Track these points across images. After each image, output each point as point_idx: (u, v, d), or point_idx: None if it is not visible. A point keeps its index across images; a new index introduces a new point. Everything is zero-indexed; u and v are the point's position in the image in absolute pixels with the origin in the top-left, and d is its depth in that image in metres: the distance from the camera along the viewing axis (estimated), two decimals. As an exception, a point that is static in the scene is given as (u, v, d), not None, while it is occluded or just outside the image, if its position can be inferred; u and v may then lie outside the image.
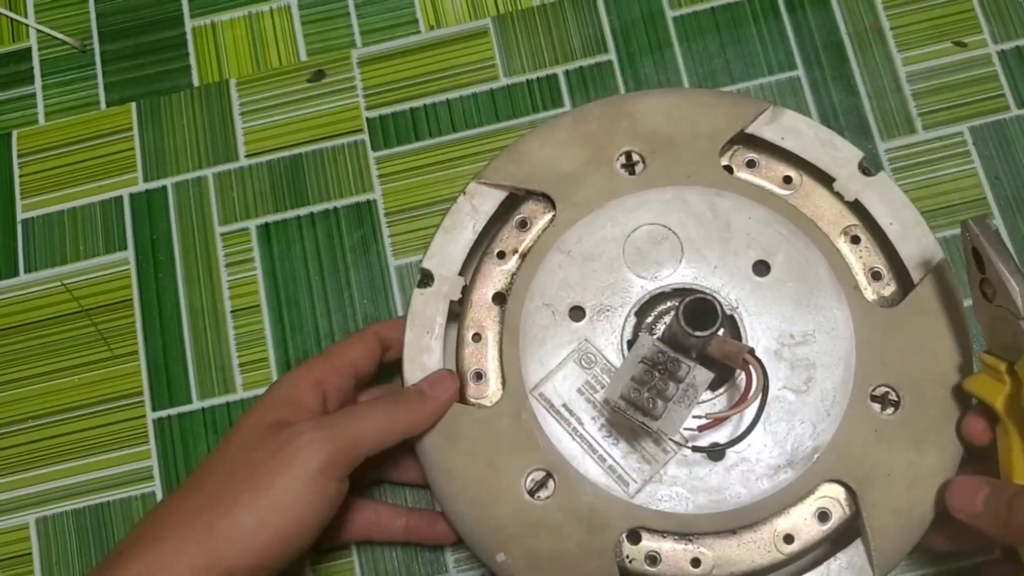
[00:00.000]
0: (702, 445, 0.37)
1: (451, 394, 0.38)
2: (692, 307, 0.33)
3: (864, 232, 0.40)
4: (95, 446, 0.45)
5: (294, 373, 0.38)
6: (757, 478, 0.36)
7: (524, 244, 0.41)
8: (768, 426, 0.37)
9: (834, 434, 0.37)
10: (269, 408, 0.37)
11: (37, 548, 0.44)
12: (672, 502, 0.37)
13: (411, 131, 0.48)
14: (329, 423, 0.36)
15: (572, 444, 0.37)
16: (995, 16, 0.48)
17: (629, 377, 0.34)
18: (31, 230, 0.48)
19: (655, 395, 0.33)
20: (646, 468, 0.37)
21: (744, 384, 0.35)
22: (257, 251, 0.47)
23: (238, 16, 0.51)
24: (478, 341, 0.40)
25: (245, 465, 0.35)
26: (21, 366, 0.47)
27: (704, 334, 0.33)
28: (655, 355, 0.34)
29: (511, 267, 0.40)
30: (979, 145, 0.47)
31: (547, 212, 0.41)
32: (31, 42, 0.51)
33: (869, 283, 0.40)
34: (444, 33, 0.50)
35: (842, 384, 0.37)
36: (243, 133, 0.49)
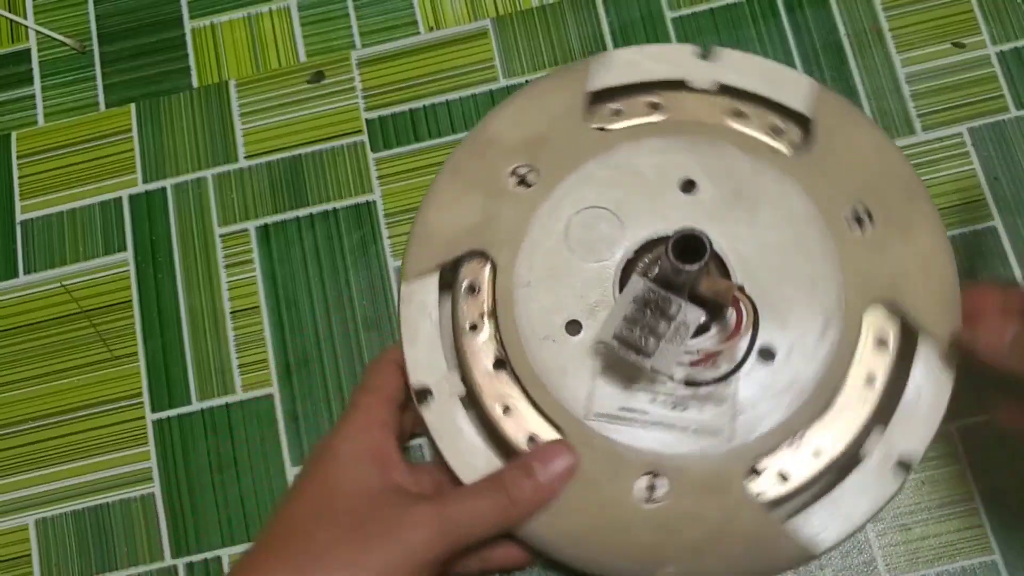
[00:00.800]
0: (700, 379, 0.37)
1: (568, 474, 0.36)
2: (681, 242, 0.33)
3: (743, 104, 0.41)
4: (94, 447, 0.45)
5: (369, 419, 0.38)
6: None
7: (486, 304, 0.40)
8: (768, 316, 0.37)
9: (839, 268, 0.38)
10: (359, 465, 0.36)
11: (36, 549, 0.44)
12: (760, 422, 0.37)
13: (411, 132, 0.48)
14: (443, 513, 0.35)
15: (650, 435, 0.37)
16: (994, 17, 0.48)
17: (621, 316, 0.35)
18: (30, 231, 0.48)
19: (647, 333, 0.34)
20: (724, 409, 0.37)
21: (734, 320, 0.36)
22: (256, 252, 0.47)
23: (237, 17, 0.51)
24: (509, 413, 0.38)
25: (359, 543, 0.34)
26: (20, 367, 0.47)
27: (694, 267, 0.33)
28: (646, 294, 0.35)
29: (490, 331, 0.39)
30: (978, 146, 0.47)
31: (484, 264, 0.40)
32: (30, 43, 0.51)
33: (776, 140, 0.41)
34: (443, 34, 0.50)
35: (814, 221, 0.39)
36: (242, 134, 0.49)
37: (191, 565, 0.44)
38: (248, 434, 0.45)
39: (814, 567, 0.42)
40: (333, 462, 0.37)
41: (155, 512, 0.44)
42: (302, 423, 0.45)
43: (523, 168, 0.40)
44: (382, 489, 0.36)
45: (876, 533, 0.42)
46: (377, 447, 0.37)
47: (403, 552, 0.34)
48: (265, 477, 0.44)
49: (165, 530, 0.44)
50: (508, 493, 0.36)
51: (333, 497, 0.36)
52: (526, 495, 0.36)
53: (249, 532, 0.44)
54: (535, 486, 0.36)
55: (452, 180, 0.41)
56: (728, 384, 0.37)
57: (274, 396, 0.45)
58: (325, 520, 0.35)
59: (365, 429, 0.38)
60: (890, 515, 0.42)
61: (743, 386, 0.37)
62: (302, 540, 0.34)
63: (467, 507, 0.35)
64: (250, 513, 0.44)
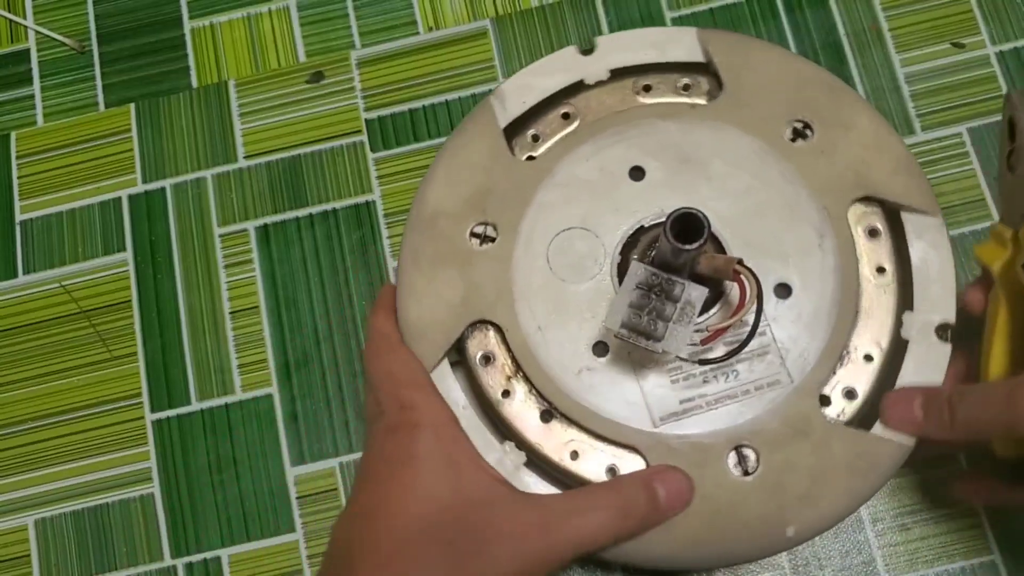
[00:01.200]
0: (710, 357, 0.37)
1: (681, 511, 0.35)
2: (679, 222, 0.33)
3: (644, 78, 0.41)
4: (94, 448, 0.45)
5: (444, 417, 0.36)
6: None
7: (507, 367, 0.38)
8: None
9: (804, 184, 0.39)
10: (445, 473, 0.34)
11: (36, 550, 0.44)
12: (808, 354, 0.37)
13: (410, 132, 0.48)
14: (563, 528, 0.32)
15: (718, 413, 0.37)
16: (993, 17, 0.48)
17: (627, 304, 0.34)
18: (30, 231, 0.48)
19: (655, 317, 0.34)
20: (771, 358, 0.37)
21: (738, 294, 0.35)
22: (256, 252, 0.47)
23: (237, 17, 0.51)
24: (578, 457, 0.37)
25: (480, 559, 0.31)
26: (20, 367, 0.47)
27: (694, 246, 0.33)
28: (648, 278, 0.34)
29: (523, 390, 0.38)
30: (977, 146, 0.47)
31: (487, 330, 0.39)
32: (30, 43, 0.51)
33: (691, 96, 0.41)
34: (443, 34, 0.50)
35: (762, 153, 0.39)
36: (242, 134, 0.49)
37: (190, 565, 0.44)
38: (247, 434, 0.45)
39: (814, 567, 0.42)
40: (422, 471, 0.34)
41: (154, 512, 0.44)
42: (302, 423, 0.45)
43: (479, 227, 0.39)
44: (488, 493, 0.33)
45: (875, 533, 0.42)
46: (458, 450, 0.35)
47: (523, 566, 0.31)
48: (265, 477, 0.44)
49: (164, 530, 0.44)
50: (627, 511, 0.34)
51: (441, 510, 0.32)
52: (644, 516, 0.34)
53: (248, 532, 0.44)
54: (655, 509, 0.34)
55: (416, 267, 0.40)
56: (763, 335, 0.37)
57: (274, 396, 0.45)
58: (439, 540, 0.32)
59: (446, 437, 0.35)
60: (890, 515, 0.42)
61: (776, 329, 0.37)
62: (417, 560, 0.31)
63: (585, 521, 0.33)
64: (249, 513, 0.44)
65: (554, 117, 0.41)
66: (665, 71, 0.42)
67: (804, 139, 0.40)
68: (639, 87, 0.41)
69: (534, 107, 0.41)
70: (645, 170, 0.40)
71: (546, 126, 0.41)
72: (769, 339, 0.37)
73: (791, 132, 0.40)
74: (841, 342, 0.37)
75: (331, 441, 0.45)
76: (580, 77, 0.41)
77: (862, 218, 0.39)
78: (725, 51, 0.41)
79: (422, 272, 0.39)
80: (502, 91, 0.41)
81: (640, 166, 0.40)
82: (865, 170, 0.39)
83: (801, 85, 0.40)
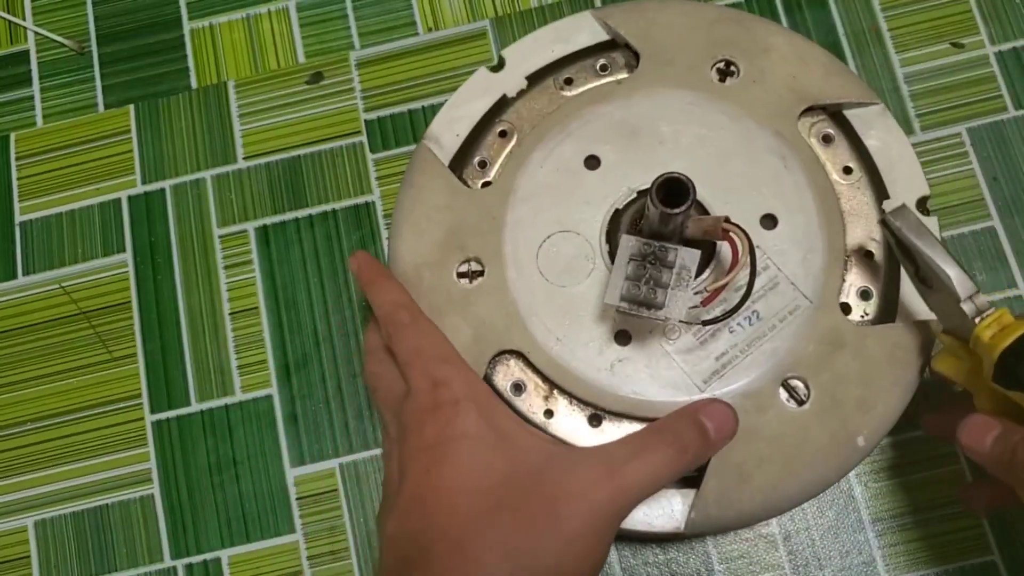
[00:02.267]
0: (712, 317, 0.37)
1: (728, 441, 0.35)
2: (664, 187, 0.33)
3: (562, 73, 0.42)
4: (93, 449, 0.45)
5: (482, 389, 0.35)
6: None
7: (541, 389, 0.38)
8: None
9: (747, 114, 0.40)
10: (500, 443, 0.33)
11: (36, 551, 0.44)
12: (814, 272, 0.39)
13: (409, 133, 0.48)
14: (623, 473, 0.32)
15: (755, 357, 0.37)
16: (993, 17, 0.48)
17: (623, 277, 0.35)
18: (29, 233, 0.48)
19: (653, 286, 0.34)
20: (783, 288, 0.38)
21: (729, 252, 0.35)
22: (256, 253, 0.47)
23: (236, 18, 0.51)
24: None
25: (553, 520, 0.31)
26: (19, 369, 0.47)
27: (682, 209, 0.33)
28: (641, 248, 0.35)
29: (564, 404, 0.38)
30: (977, 146, 0.47)
31: (508, 358, 0.39)
32: (29, 44, 0.51)
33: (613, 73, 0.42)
34: (442, 35, 0.50)
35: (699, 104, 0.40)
36: (241, 135, 0.49)
37: (190, 566, 0.44)
38: (247, 435, 0.45)
39: (813, 567, 0.42)
40: (473, 444, 0.33)
41: (154, 513, 0.44)
42: (301, 424, 0.45)
43: (463, 265, 0.39)
44: (546, 454, 0.33)
45: (875, 533, 0.42)
46: (504, 414, 0.34)
47: (600, 517, 0.31)
48: (264, 478, 0.44)
49: (164, 531, 0.44)
50: (681, 447, 0.33)
51: (500, 478, 0.32)
52: (699, 451, 0.34)
53: (248, 533, 0.44)
54: (706, 442, 0.34)
55: None
56: (768, 268, 0.38)
57: (273, 397, 0.45)
58: (509, 505, 0.31)
59: (483, 400, 0.34)
60: (889, 515, 0.42)
61: (778, 259, 0.38)
62: (491, 535, 0.30)
63: (643, 463, 0.32)
64: (249, 514, 0.44)
65: (493, 139, 0.42)
66: (578, 59, 0.43)
67: (732, 76, 0.41)
68: (560, 83, 0.42)
69: (469, 135, 0.41)
70: (599, 157, 0.40)
71: (488, 149, 0.42)
72: (775, 271, 0.38)
73: (717, 74, 0.41)
74: (839, 249, 0.39)
75: (331, 442, 0.45)
76: (501, 93, 0.42)
77: (812, 128, 0.41)
78: (626, 21, 0.42)
79: None
80: (432, 132, 0.41)
81: (593, 154, 0.40)
82: (798, 84, 0.41)
83: (709, 27, 0.42)
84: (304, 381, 0.45)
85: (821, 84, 0.41)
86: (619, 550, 0.43)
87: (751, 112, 0.40)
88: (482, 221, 0.40)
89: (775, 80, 0.41)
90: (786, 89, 0.40)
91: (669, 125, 0.40)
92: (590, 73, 0.42)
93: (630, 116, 0.41)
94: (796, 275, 0.38)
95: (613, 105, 0.41)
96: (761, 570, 0.42)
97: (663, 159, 0.40)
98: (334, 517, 0.44)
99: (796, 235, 0.39)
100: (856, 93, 0.41)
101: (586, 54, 0.43)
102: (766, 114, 0.40)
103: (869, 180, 0.40)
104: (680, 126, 0.40)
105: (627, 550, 0.43)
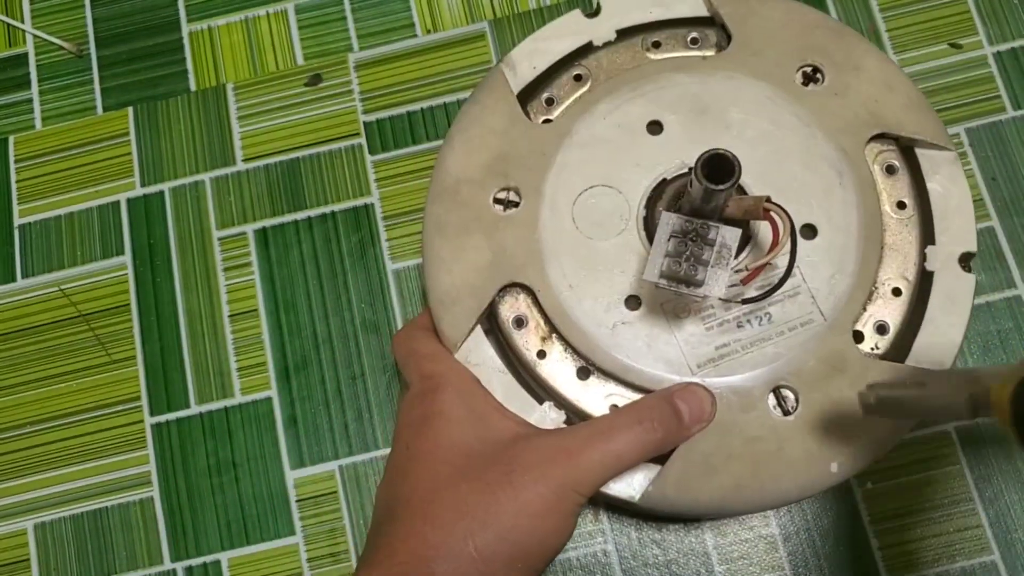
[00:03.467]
0: (752, 295, 0.37)
1: (704, 428, 0.36)
2: (709, 163, 0.33)
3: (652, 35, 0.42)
4: (93, 451, 0.45)
5: (465, 374, 0.37)
6: None
7: (540, 328, 0.39)
8: None
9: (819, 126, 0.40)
10: (470, 423, 0.35)
11: (35, 554, 0.44)
12: (837, 292, 0.38)
13: (408, 135, 0.48)
14: (597, 448, 0.34)
15: (754, 356, 0.37)
16: (991, 18, 0.48)
17: (663, 254, 0.34)
18: (28, 235, 0.48)
19: (693, 263, 0.34)
20: (802, 298, 0.38)
21: (768, 234, 0.35)
22: (255, 255, 0.47)
23: (235, 21, 0.51)
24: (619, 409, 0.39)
25: (512, 490, 0.33)
26: (19, 371, 0.47)
27: (726, 185, 0.32)
28: (683, 226, 0.34)
29: (559, 348, 0.39)
30: (976, 147, 0.47)
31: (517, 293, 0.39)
32: (28, 47, 0.51)
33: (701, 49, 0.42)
34: (441, 37, 0.50)
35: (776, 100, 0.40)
36: (240, 137, 0.49)
37: (190, 569, 0.44)
38: (247, 438, 0.45)
39: (813, 568, 0.42)
40: (446, 421, 0.35)
41: (154, 516, 0.44)
42: (301, 426, 0.45)
43: (501, 192, 0.40)
44: (514, 434, 0.35)
45: (875, 533, 0.42)
46: (482, 400, 0.36)
47: (559, 493, 0.33)
48: (264, 480, 0.44)
49: (164, 534, 0.44)
50: (655, 428, 0.35)
51: (468, 453, 0.34)
52: (671, 434, 0.35)
53: (248, 536, 0.44)
54: (680, 427, 0.35)
55: (443, 236, 0.40)
56: (793, 276, 0.38)
57: (273, 399, 0.45)
58: (472, 478, 0.33)
59: (469, 386, 0.37)
60: (889, 515, 0.42)
61: (806, 269, 0.38)
62: (456, 504, 0.33)
63: (616, 441, 0.34)
64: (249, 516, 0.44)
65: (566, 80, 0.42)
66: (672, 27, 0.42)
67: (815, 83, 0.40)
68: (648, 44, 0.42)
69: (545, 71, 0.41)
70: (663, 124, 0.40)
71: (559, 89, 0.42)
72: (799, 280, 0.38)
73: (802, 77, 0.40)
74: (869, 278, 0.38)
75: (330, 444, 0.45)
76: (588, 39, 0.42)
77: (878, 156, 0.40)
78: (729, 3, 0.41)
79: (449, 241, 0.39)
80: (511, 58, 0.41)
81: (658, 120, 0.40)
82: (877, 109, 0.40)
83: (807, 31, 0.41)
84: (304, 383, 0.45)
85: (901, 116, 0.40)
86: (619, 550, 0.43)
87: (823, 122, 0.40)
88: (532, 155, 0.40)
89: (856, 98, 0.40)
90: (864, 110, 0.40)
91: (740, 112, 0.40)
92: (679, 43, 0.42)
93: (705, 93, 0.40)
94: (819, 290, 0.38)
95: (692, 78, 0.41)
96: (761, 571, 0.42)
97: (724, 142, 0.39)
98: (334, 519, 0.44)
99: (831, 252, 0.38)
100: (933, 134, 0.40)
101: (681, 24, 0.42)
102: (836, 128, 0.39)
103: (919, 220, 0.39)
104: (750, 116, 0.40)
105: (627, 551, 0.43)
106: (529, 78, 0.41)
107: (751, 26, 0.41)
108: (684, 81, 0.40)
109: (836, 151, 0.39)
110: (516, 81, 0.41)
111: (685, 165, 0.39)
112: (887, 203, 0.40)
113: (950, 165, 0.40)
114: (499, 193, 0.40)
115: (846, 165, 0.39)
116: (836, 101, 0.40)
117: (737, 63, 0.41)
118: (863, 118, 0.40)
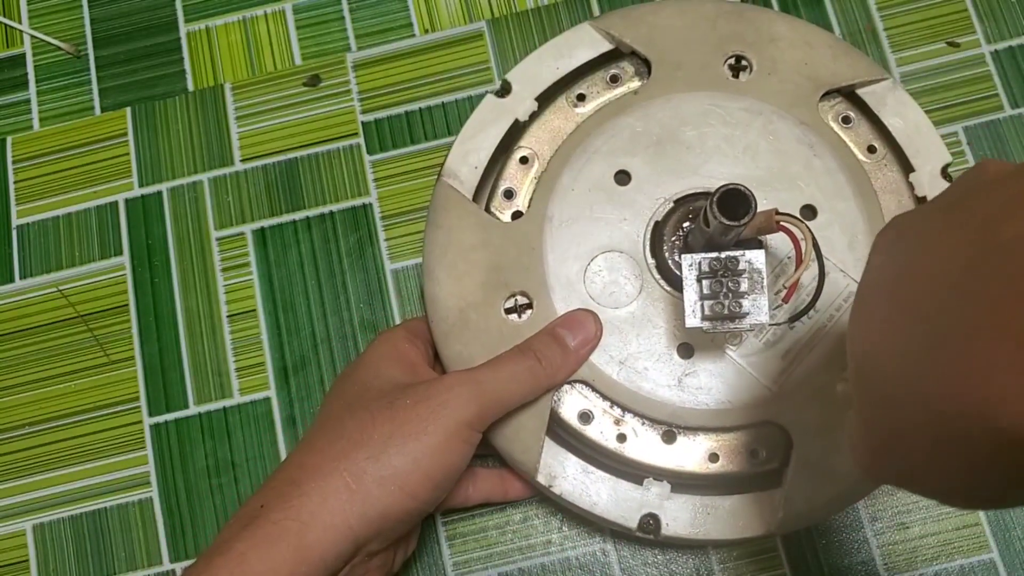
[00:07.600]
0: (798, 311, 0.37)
1: (594, 344, 0.37)
2: (724, 199, 0.33)
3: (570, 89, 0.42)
4: (91, 452, 0.45)
5: (392, 334, 0.39)
6: None
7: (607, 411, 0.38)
8: None
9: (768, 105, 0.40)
10: (383, 363, 0.37)
11: (34, 555, 0.44)
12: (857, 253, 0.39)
13: (406, 134, 0.48)
14: (476, 378, 0.36)
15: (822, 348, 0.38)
16: (988, 16, 0.48)
17: (698, 298, 0.34)
18: (26, 236, 0.48)
19: (732, 298, 0.34)
20: (840, 278, 0.39)
21: (785, 245, 0.36)
22: (253, 255, 0.47)
23: (233, 21, 0.51)
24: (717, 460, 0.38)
25: (390, 412, 0.34)
26: (17, 372, 0.47)
27: (745, 220, 0.32)
28: (710, 264, 0.34)
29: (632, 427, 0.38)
30: (974, 145, 0.47)
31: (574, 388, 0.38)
32: (25, 48, 0.51)
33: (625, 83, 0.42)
34: (439, 36, 0.50)
35: (720, 103, 0.40)
36: (238, 137, 0.49)
37: (189, 569, 0.44)
38: (246, 438, 0.45)
39: (813, 567, 0.42)
40: (362, 367, 0.38)
41: (153, 517, 0.44)
42: (300, 426, 0.45)
43: (509, 301, 0.39)
44: (412, 379, 0.36)
45: (874, 532, 0.42)
46: (404, 353, 0.38)
47: (437, 414, 0.34)
48: (263, 480, 0.44)
49: (163, 535, 0.44)
50: (537, 358, 0.36)
51: (364, 390, 0.36)
52: (556, 360, 0.37)
53: (247, 536, 0.44)
54: (564, 352, 0.37)
55: None
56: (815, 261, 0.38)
57: (272, 399, 0.45)
58: (356, 408, 0.35)
59: (392, 341, 0.39)
60: (888, 514, 0.42)
61: (826, 250, 0.38)
62: (335, 429, 0.35)
63: (498, 371, 0.36)
64: (248, 517, 0.44)
65: (514, 166, 0.41)
66: (586, 73, 0.42)
67: (745, 71, 0.41)
68: (573, 99, 0.41)
69: (489, 165, 0.41)
70: (629, 171, 0.40)
71: (512, 178, 0.41)
72: (824, 260, 0.37)
73: (730, 70, 0.41)
74: (877, 226, 0.39)
75: (329, 444, 0.45)
76: (512, 118, 0.41)
77: (831, 112, 0.41)
78: (627, 28, 0.41)
79: None
80: (449, 168, 0.40)
81: (622, 169, 0.40)
82: (811, 71, 0.41)
83: (710, 25, 0.41)
84: (302, 383, 0.45)
85: (832, 66, 0.40)
86: (619, 550, 0.43)
87: (771, 104, 0.40)
88: (521, 254, 0.39)
89: (788, 69, 0.40)
90: (801, 76, 0.40)
91: (693, 129, 0.40)
92: (601, 86, 0.42)
93: (652, 125, 0.40)
94: (845, 262, 0.38)
95: (633, 116, 0.40)
96: (760, 570, 0.42)
97: (693, 164, 0.39)
98: (333, 519, 0.44)
99: (839, 221, 0.39)
100: (865, 71, 0.41)
101: (593, 67, 0.42)
102: (786, 104, 0.40)
103: (894, 156, 0.41)
104: (704, 128, 0.40)
105: (627, 550, 0.43)
106: (476, 179, 0.40)
107: (659, 42, 0.41)
108: (627, 122, 0.40)
109: (796, 126, 0.40)
110: (465, 187, 0.40)
111: (668, 201, 0.39)
112: (859, 153, 0.40)
113: (892, 92, 0.41)
114: (507, 303, 0.39)
115: (812, 135, 0.40)
116: (773, 80, 0.40)
117: (665, 84, 0.40)
118: (803, 85, 0.40)
